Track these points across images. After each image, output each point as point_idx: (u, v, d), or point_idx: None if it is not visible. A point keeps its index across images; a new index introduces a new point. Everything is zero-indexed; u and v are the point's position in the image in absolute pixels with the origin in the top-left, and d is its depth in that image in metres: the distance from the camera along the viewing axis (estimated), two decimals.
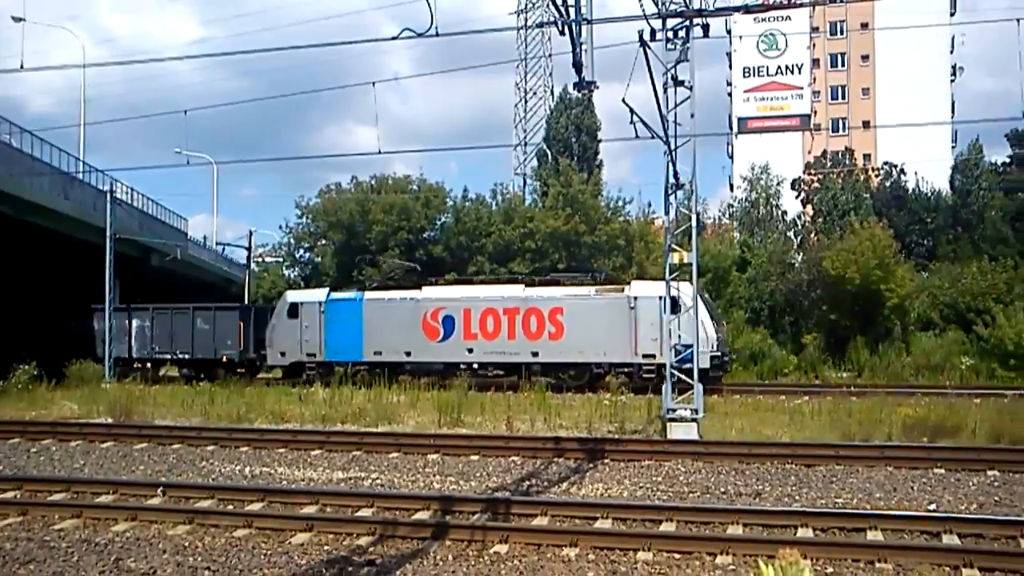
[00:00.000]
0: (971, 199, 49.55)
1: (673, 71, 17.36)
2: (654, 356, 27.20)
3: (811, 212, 56.94)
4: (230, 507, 11.94)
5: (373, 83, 30.84)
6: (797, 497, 12.52)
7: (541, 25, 54.65)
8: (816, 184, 56.89)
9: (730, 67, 77.60)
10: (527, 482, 13.80)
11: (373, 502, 11.91)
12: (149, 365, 35.16)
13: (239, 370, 33.57)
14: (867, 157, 67.05)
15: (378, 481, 14.21)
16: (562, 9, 14.39)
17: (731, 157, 78.17)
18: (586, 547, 9.78)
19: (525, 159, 66.46)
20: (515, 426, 19.32)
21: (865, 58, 77.34)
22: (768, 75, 74.16)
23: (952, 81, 75.70)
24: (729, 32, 72.94)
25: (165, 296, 39.23)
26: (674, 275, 18.41)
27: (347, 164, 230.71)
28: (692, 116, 17.65)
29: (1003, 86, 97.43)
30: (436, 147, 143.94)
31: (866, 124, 72.01)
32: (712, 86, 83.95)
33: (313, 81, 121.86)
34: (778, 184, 60.66)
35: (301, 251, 50.56)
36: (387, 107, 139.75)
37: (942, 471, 13.75)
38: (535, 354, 29.18)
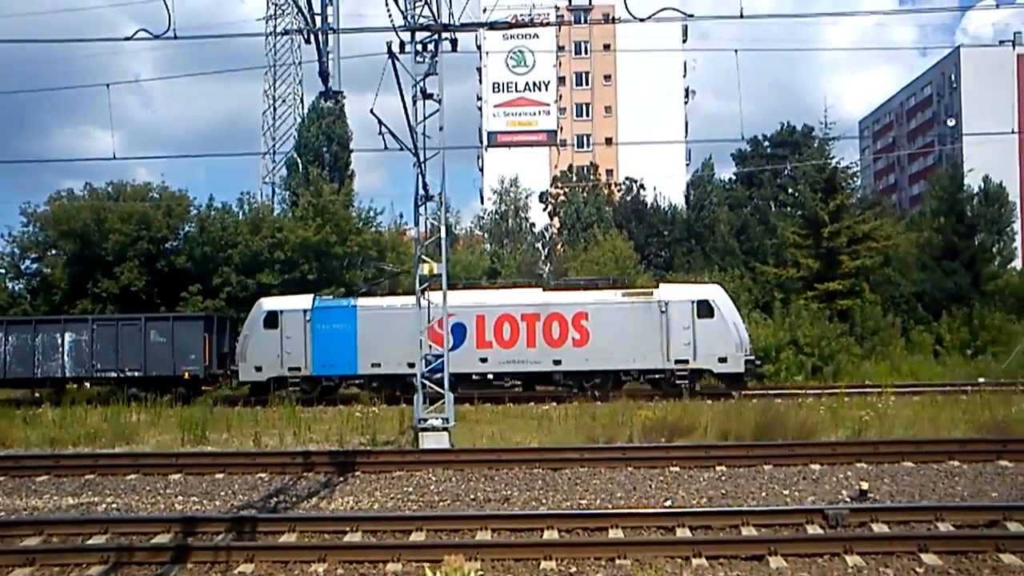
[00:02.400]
0: (704, 213, 52.90)
1: (422, 84, 17.49)
2: (687, 361, 27.02)
3: (558, 224, 59.09)
4: None
5: (107, 85, 28.92)
6: (544, 500, 12.91)
7: (287, 32, 53.38)
8: (562, 197, 59.09)
9: (480, 82, 79.34)
10: (275, 499, 13.46)
11: (107, 528, 11.21)
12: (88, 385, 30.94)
13: (204, 388, 29.99)
14: (610, 172, 70.43)
15: (114, 505, 13.42)
16: (309, 17, 14.19)
17: (482, 170, 79.85)
18: (335, 562, 9.68)
19: (274, 168, 65.15)
20: (263, 442, 18.81)
21: (608, 78, 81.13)
22: (517, 91, 76.46)
23: (686, 103, 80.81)
24: (479, 48, 74.63)
25: None
26: (424, 286, 18.46)
27: (84, 170, 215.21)
28: (441, 129, 17.89)
29: (730, 109, 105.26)
30: (179, 153, 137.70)
31: (609, 141, 75.76)
32: (464, 100, 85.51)
33: (44, 79, 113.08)
34: (526, 197, 62.75)
35: (28, 262, 46.85)
36: (128, 111, 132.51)
37: (677, 469, 14.52)
38: (557, 362, 27.62)
